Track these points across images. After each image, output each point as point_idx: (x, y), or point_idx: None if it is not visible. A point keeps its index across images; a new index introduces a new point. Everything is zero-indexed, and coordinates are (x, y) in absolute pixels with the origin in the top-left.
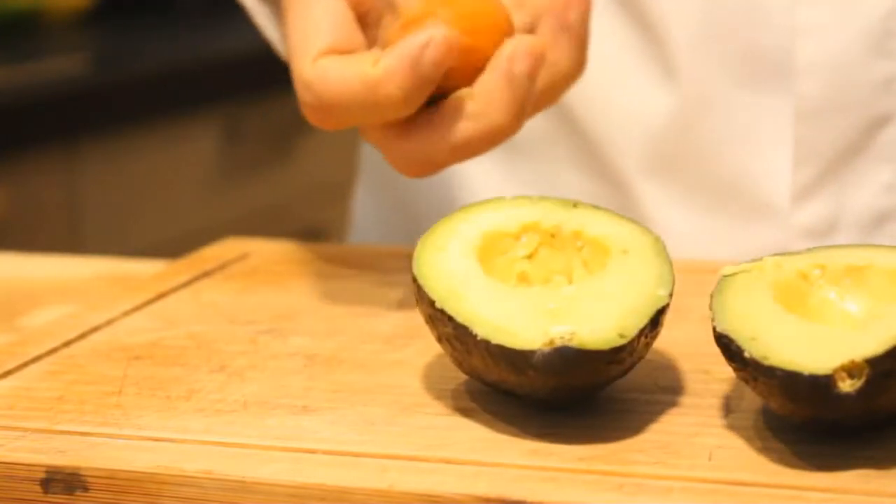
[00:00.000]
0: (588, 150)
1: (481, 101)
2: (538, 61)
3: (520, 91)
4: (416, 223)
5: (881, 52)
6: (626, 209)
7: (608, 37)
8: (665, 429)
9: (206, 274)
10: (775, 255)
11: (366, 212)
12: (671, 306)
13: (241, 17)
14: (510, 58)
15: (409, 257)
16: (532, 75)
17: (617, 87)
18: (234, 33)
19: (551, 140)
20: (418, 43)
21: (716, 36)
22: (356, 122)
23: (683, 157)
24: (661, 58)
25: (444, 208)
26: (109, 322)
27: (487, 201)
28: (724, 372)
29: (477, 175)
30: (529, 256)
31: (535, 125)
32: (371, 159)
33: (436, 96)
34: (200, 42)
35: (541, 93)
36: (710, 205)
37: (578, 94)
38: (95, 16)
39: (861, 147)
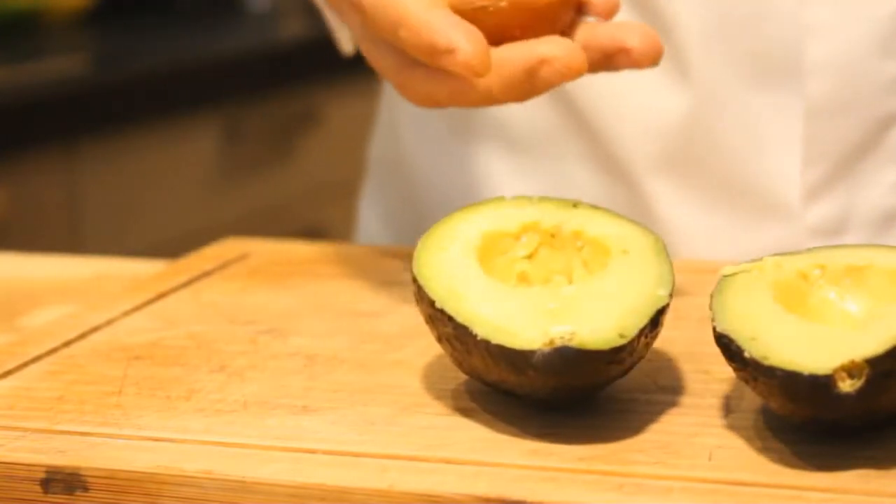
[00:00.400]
0: (599, 149)
1: (492, 70)
2: (567, 77)
3: (529, 86)
4: (423, 222)
5: (889, 51)
6: (637, 207)
7: None
8: (665, 429)
9: (206, 274)
10: (775, 255)
11: (372, 211)
12: (671, 306)
13: (241, 17)
14: (544, 59)
15: (409, 257)
16: (553, 85)
17: (628, 86)
18: (234, 33)
19: (562, 138)
20: (459, 39)
21: (726, 36)
22: (382, 36)
23: (694, 156)
24: (673, 57)
25: (453, 207)
26: (109, 322)
27: (487, 201)
28: (724, 372)
29: (488, 173)
30: (529, 256)
31: (546, 123)
32: (379, 158)
33: None
34: (200, 42)
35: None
36: (721, 204)
37: (590, 93)
38: (95, 16)
39: (870, 147)
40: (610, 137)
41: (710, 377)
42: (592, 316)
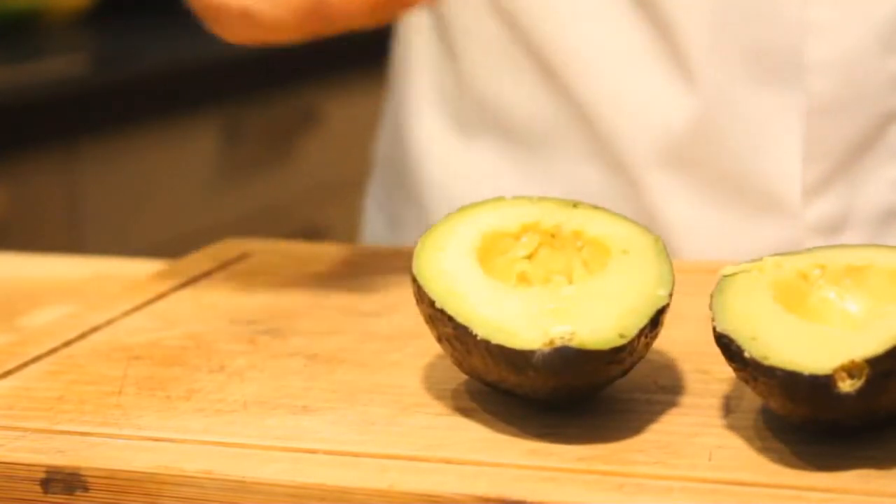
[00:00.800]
0: (601, 145)
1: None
2: (351, 5)
3: (317, 13)
4: (427, 218)
5: (891, 49)
6: (639, 204)
7: (621, 34)
8: (665, 429)
9: (206, 274)
10: (775, 255)
11: (377, 208)
12: (671, 306)
13: None
14: None
15: (409, 257)
16: (341, 14)
17: (631, 83)
18: None
19: (565, 135)
20: None
21: (728, 34)
22: None
23: (696, 154)
24: (675, 56)
25: (457, 203)
26: (109, 322)
27: (487, 201)
28: (724, 372)
29: (491, 169)
30: (529, 256)
31: (549, 119)
32: (383, 156)
33: None
34: (200, 42)
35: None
36: (723, 200)
37: (592, 90)
38: (95, 16)
39: (871, 144)
40: (612, 134)
41: (710, 377)
42: (592, 316)
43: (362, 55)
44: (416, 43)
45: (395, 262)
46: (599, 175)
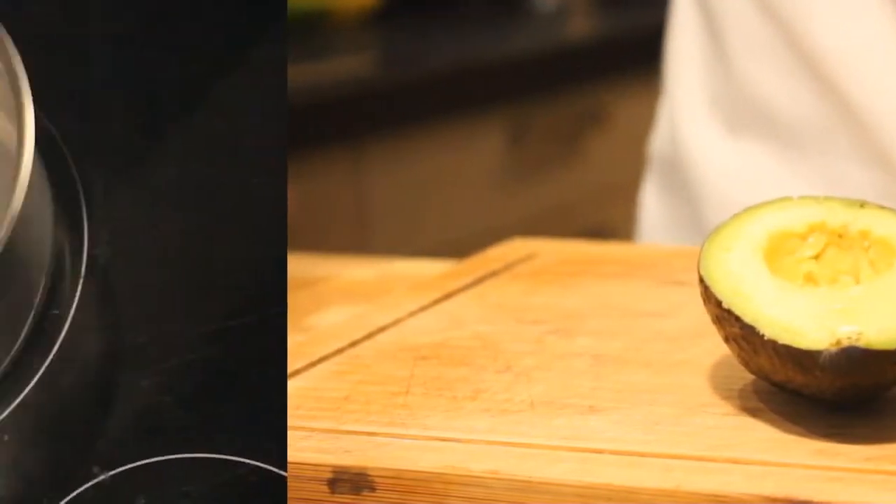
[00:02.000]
0: (872, 145)
1: None
2: None
3: None
4: (702, 222)
5: None
6: None
7: (878, 22)
8: None
9: (493, 274)
10: None
11: (653, 210)
12: None
13: (528, 17)
14: None
15: (693, 257)
16: None
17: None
18: (521, 33)
19: (835, 135)
20: None
21: None
22: None
23: None
24: None
25: (726, 203)
26: (396, 322)
27: (773, 201)
28: None
29: (762, 170)
30: (816, 257)
31: (818, 119)
32: (657, 155)
33: None
34: (487, 42)
35: None
36: None
37: (861, 89)
38: (383, 15)
39: None
40: (883, 134)
41: None
42: (879, 316)
43: (649, 55)
44: (686, 43)
45: (678, 262)
46: (871, 175)
